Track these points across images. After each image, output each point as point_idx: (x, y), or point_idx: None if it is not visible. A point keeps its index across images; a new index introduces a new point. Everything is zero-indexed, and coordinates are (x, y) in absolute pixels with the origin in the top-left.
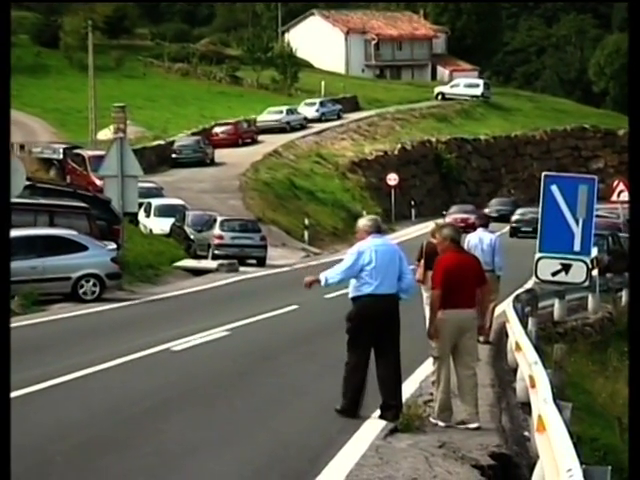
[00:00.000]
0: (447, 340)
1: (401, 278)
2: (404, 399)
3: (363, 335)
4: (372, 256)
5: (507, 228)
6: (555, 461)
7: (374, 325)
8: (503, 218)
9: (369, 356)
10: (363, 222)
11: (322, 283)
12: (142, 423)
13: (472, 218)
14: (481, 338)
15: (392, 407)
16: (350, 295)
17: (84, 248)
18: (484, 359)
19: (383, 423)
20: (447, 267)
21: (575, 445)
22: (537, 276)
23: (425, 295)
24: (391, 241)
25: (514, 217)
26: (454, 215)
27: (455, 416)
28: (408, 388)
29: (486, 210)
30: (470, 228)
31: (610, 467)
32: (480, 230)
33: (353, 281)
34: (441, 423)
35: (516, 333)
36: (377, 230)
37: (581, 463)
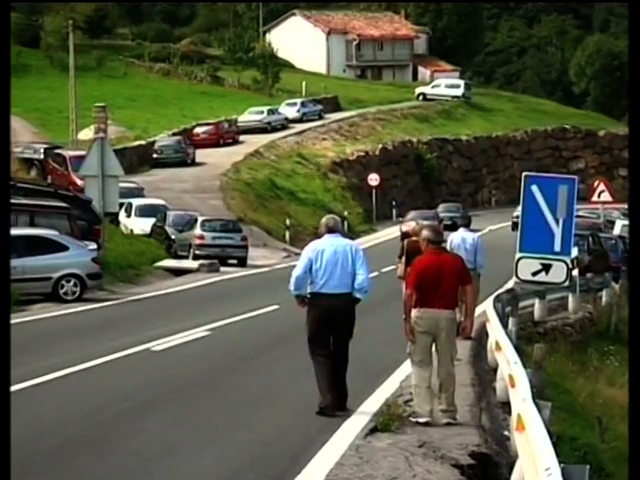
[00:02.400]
0: (423, 339)
1: (355, 277)
2: (384, 399)
3: (315, 332)
4: (318, 256)
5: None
6: (534, 460)
7: (322, 323)
8: (454, 227)
9: (329, 350)
10: (322, 221)
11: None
12: (122, 423)
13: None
14: (460, 336)
15: (335, 403)
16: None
17: (65, 248)
18: (465, 359)
19: (363, 422)
20: (422, 268)
21: (554, 444)
22: (517, 276)
23: (405, 292)
24: (347, 240)
25: (515, 213)
26: (412, 222)
27: (434, 414)
28: (388, 388)
29: None
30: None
31: (589, 466)
32: (462, 230)
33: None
34: (420, 420)
35: (496, 333)
36: (331, 230)
37: (560, 462)
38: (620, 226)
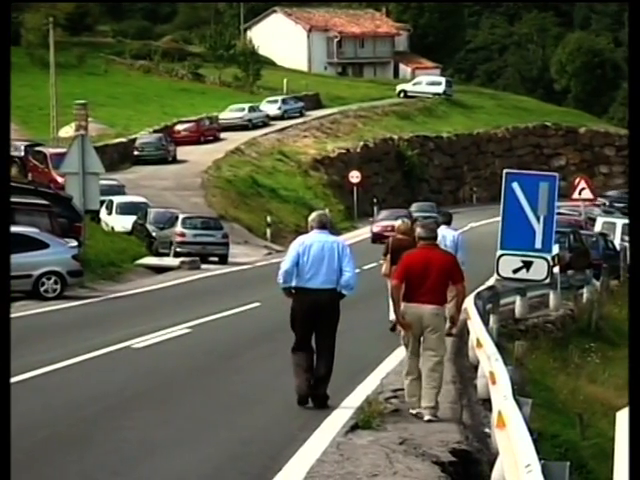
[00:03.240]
0: (412, 331)
1: (341, 274)
2: (365, 396)
3: (298, 327)
4: (306, 250)
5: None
6: (514, 457)
7: (306, 318)
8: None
9: (309, 345)
10: (310, 217)
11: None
12: (103, 420)
13: None
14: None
15: (319, 397)
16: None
17: (45, 245)
18: (446, 356)
19: (344, 420)
20: (409, 262)
21: (535, 441)
22: (498, 273)
23: (390, 290)
24: (335, 237)
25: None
26: (383, 222)
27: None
28: (369, 385)
29: None
30: None
31: (569, 463)
32: (443, 227)
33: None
34: (412, 410)
35: (477, 330)
36: (320, 225)
37: (540, 459)
38: (601, 223)
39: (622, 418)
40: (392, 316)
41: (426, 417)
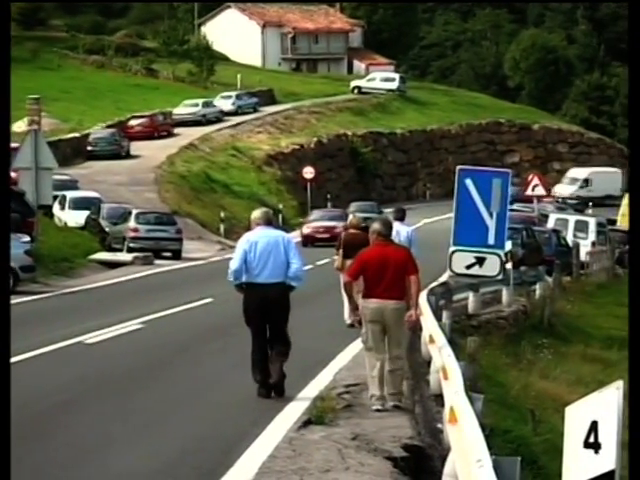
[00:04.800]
0: (371, 328)
1: (288, 266)
2: (318, 391)
3: (251, 321)
4: (252, 247)
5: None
6: (466, 452)
7: (257, 312)
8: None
9: (263, 339)
10: (254, 214)
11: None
12: (55, 416)
13: (339, 227)
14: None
15: (273, 386)
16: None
17: None
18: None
19: (297, 415)
20: (365, 259)
21: (487, 436)
22: (451, 269)
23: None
24: (279, 231)
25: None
26: (315, 223)
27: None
28: (322, 380)
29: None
30: (337, 239)
31: (520, 458)
32: (397, 223)
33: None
34: (373, 407)
35: (430, 326)
36: (266, 222)
37: (492, 454)
38: (554, 220)
39: (571, 413)
40: (347, 319)
41: (390, 403)
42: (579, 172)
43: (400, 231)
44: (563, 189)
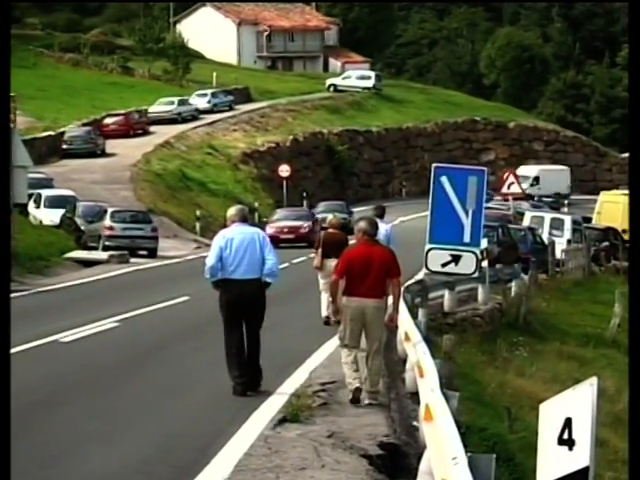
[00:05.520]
0: (350, 325)
1: (264, 263)
2: (294, 389)
3: (228, 317)
4: (228, 244)
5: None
6: (441, 449)
7: (234, 308)
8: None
9: (239, 335)
10: (230, 212)
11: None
12: (30, 414)
13: (305, 226)
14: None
15: (249, 382)
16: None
17: None
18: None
19: (273, 413)
20: (351, 258)
21: (462, 434)
22: (427, 267)
23: (322, 282)
24: (255, 228)
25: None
26: (279, 223)
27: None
28: (298, 378)
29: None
30: (303, 240)
31: (495, 455)
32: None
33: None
34: (350, 396)
35: (406, 324)
36: (241, 219)
37: (468, 452)
38: (530, 217)
39: (545, 410)
40: (324, 312)
41: (366, 401)
42: (529, 170)
43: (379, 228)
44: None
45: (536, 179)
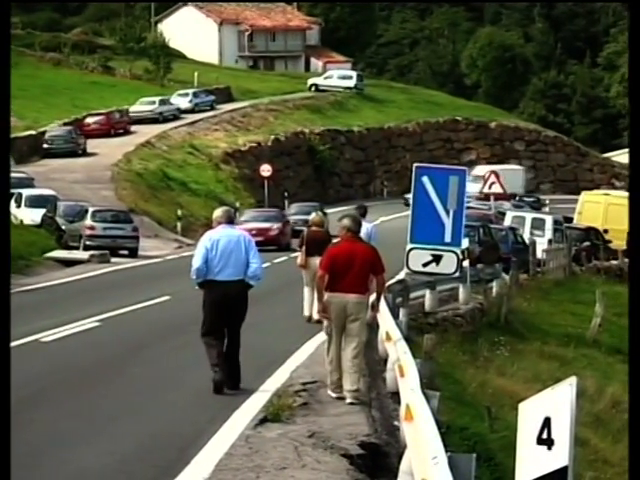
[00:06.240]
0: (335, 319)
1: (248, 265)
2: (275, 389)
3: (210, 317)
4: (214, 245)
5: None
6: (421, 449)
7: (217, 308)
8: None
9: (221, 336)
10: (216, 213)
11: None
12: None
13: (275, 228)
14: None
15: (229, 380)
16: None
17: None
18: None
19: (254, 413)
20: (335, 254)
21: (443, 434)
22: (408, 267)
23: (306, 280)
24: (241, 231)
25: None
26: (247, 224)
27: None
28: (279, 378)
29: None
30: (272, 243)
31: (475, 455)
32: None
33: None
34: (332, 394)
35: (387, 323)
36: (227, 220)
37: (449, 451)
38: (511, 217)
39: (524, 409)
40: (307, 311)
41: (348, 400)
42: (483, 170)
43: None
44: (469, 187)
45: None
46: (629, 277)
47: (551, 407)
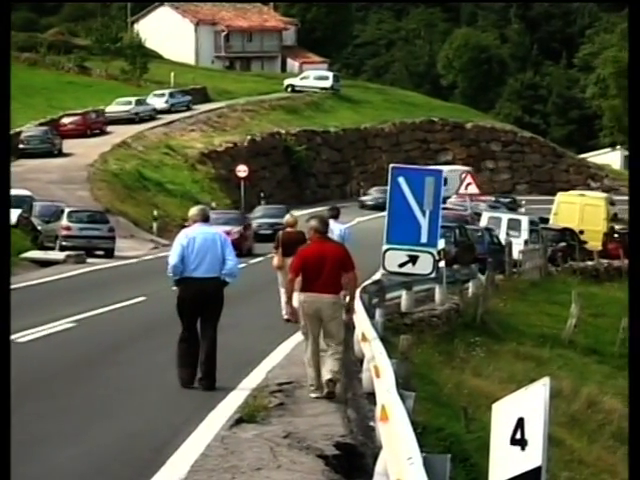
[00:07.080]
0: (307, 321)
1: (224, 263)
2: (250, 389)
3: (185, 314)
4: (190, 242)
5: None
6: (397, 450)
7: (192, 305)
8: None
9: (195, 332)
10: (191, 211)
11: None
12: None
13: (235, 231)
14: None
15: (205, 379)
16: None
17: None
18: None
19: (229, 413)
20: (305, 255)
21: (419, 434)
22: (384, 267)
23: (282, 281)
24: (215, 229)
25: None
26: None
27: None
28: (255, 378)
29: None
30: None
31: (449, 455)
32: (331, 221)
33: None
34: (312, 395)
35: (363, 324)
36: (203, 219)
37: (424, 452)
38: (487, 218)
39: (498, 410)
40: (285, 315)
41: (326, 390)
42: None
43: (334, 229)
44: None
45: (444, 180)
46: (629, 277)
47: (524, 407)
